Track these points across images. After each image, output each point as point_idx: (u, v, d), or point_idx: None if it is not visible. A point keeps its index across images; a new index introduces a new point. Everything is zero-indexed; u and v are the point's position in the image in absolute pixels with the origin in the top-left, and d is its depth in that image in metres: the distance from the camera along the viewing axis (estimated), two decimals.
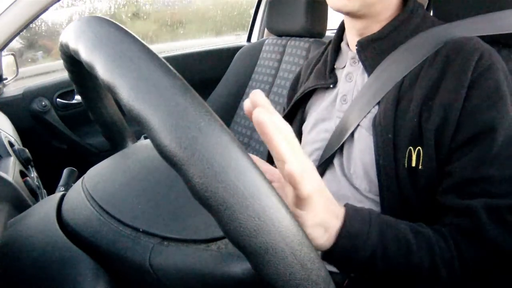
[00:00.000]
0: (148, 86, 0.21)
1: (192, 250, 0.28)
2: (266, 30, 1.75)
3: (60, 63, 1.24)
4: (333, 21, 1.54)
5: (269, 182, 0.21)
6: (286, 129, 0.32)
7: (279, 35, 1.54)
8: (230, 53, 1.72)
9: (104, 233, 0.30)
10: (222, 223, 0.21)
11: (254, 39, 1.94)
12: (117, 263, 0.29)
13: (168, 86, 0.21)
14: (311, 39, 1.42)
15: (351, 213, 0.42)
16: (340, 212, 0.41)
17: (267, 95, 1.49)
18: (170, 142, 0.20)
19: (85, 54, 0.25)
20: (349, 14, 0.57)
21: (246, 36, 1.97)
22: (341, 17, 0.63)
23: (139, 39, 0.24)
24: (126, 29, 0.25)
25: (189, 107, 0.20)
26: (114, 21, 0.26)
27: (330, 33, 1.69)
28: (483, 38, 0.55)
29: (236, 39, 2.15)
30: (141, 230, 0.29)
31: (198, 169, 0.20)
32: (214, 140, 0.20)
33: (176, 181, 0.22)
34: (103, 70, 0.23)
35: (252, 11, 1.89)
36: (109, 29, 0.25)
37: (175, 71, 0.22)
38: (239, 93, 1.59)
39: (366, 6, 0.55)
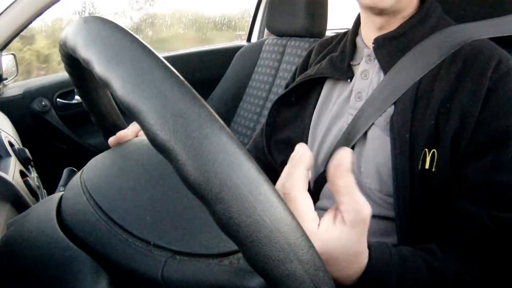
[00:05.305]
0: (150, 87, 0.21)
1: (205, 265, 0.28)
2: (266, 30, 1.74)
3: None
4: (333, 21, 1.54)
5: (293, 215, 0.22)
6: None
7: (279, 35, 1.54)
8: (230, 53, 1.71)
9: (112, 243, 0.29)
10: (248, 255, 0.22)
11: (254, 39, 1.94)
12: (125, 273, 0.29)
13: (177, 94, 0.22)
14: (311, 39, 1.42)
15: (375, 248, 0.43)
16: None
17: (267, 95, 1.49)
18: (196, 176, 0.20)
19: (82, 51, 0.26)
20: (381, 11, 0.56)
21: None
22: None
23: (137, 37, 0.24)
24: (124, 27, 0.25)
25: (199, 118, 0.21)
26: (112, 20, 0.26)
27: (330, 33, 1.69)
28: (490, 39, 0.55)
29: None
30: (152, 243, 0.29)
31: (225, 205, 0.20)
32: (240, 173, 0.21)
33: (183, 191, 0.22)
34: (98, 67, 0.24)
35: None
36: (107, 27, 0.25)
37: (179, 75, 0.23)
38: (239, 93, 1.58)
39: (399, 1, 0.55)
